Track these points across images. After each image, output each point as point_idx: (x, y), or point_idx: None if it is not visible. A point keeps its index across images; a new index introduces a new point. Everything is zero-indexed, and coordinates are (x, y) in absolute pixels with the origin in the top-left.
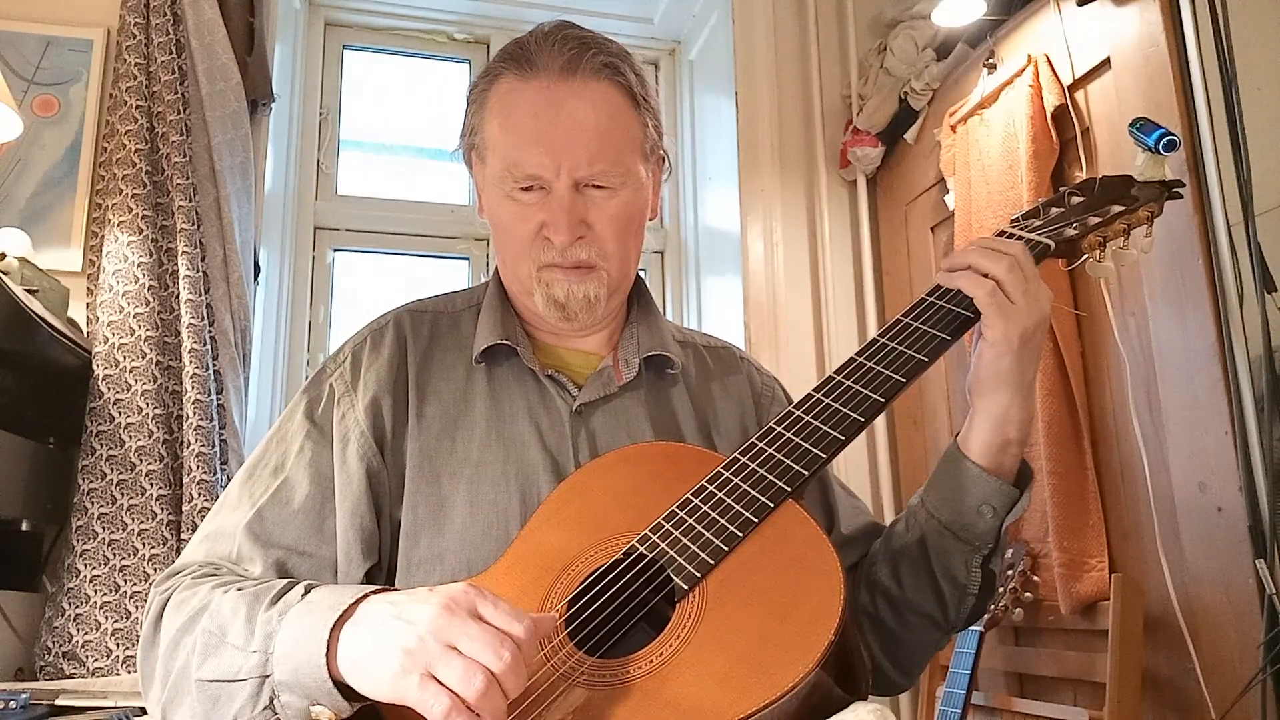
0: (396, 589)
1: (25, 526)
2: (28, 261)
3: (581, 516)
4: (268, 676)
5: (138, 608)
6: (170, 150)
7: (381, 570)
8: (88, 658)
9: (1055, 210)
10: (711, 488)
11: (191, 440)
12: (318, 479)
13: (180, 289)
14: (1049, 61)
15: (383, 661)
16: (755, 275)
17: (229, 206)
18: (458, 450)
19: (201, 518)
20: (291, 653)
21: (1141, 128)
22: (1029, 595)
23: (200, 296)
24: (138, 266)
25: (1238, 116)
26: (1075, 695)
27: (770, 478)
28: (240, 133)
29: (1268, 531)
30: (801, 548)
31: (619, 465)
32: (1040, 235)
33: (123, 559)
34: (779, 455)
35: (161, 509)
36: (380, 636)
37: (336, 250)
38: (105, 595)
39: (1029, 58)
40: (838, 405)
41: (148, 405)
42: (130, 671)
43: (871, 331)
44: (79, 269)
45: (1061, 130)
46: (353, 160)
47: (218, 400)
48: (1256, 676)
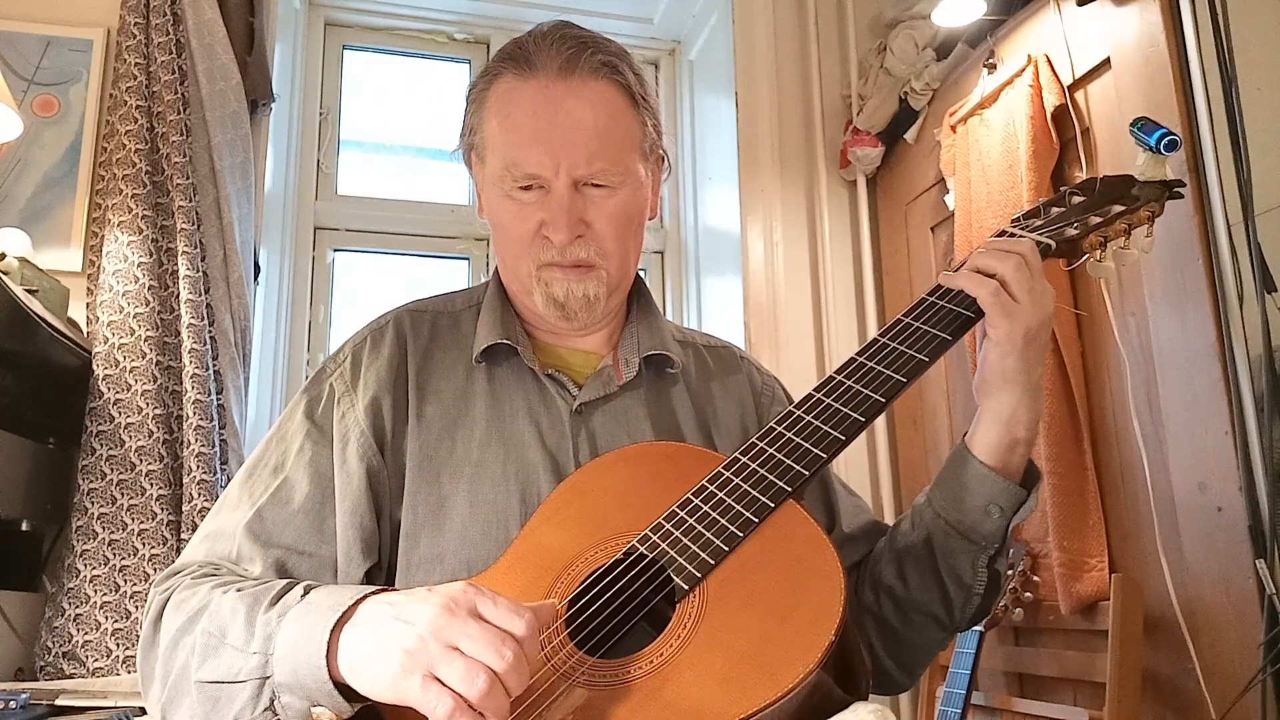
0: (395, 589)
1: (25, 526)
2: (28, 261)
3: (581, 516)
4: (268, 678)
5: (138, 608)
6: (170, 150)
7: (381, 570)
8: (88, 658)
9: (1056, 210)
10: (712, 488)
11: (191, 440)
12: (318, 479)
13: (180, 289)
14: (1049, 61)
15: (383, 662)
16: (755, 275)
17: (229, 206)
18: (458, 450)
19: (201, 518)
20: (291, 654)
21: (1142, 127)
22: (1029, 595)
23: (200, 296)
24: (138, 266)
25: (1238, 116)
26: (1075, 695)
27: (771, 478)
28: (240, 133)
29: (1268, 531)
30: (802, 548)
31: (619, 465)
32: (1041, 235)
33: (123, 559)
34: (779, 455)
35: (161, 509)
36: (380, 637)
37: (336, 250)
38: (105, 595)
39: (1029, 58)
40: (838, 405)
41: (148, 405)
42: (130, 671)
43: (871, 331)
44: (79, 269)
45: (1061, 130)
46: (353, 160)
47: (218, 400)
48: (1256, 676)
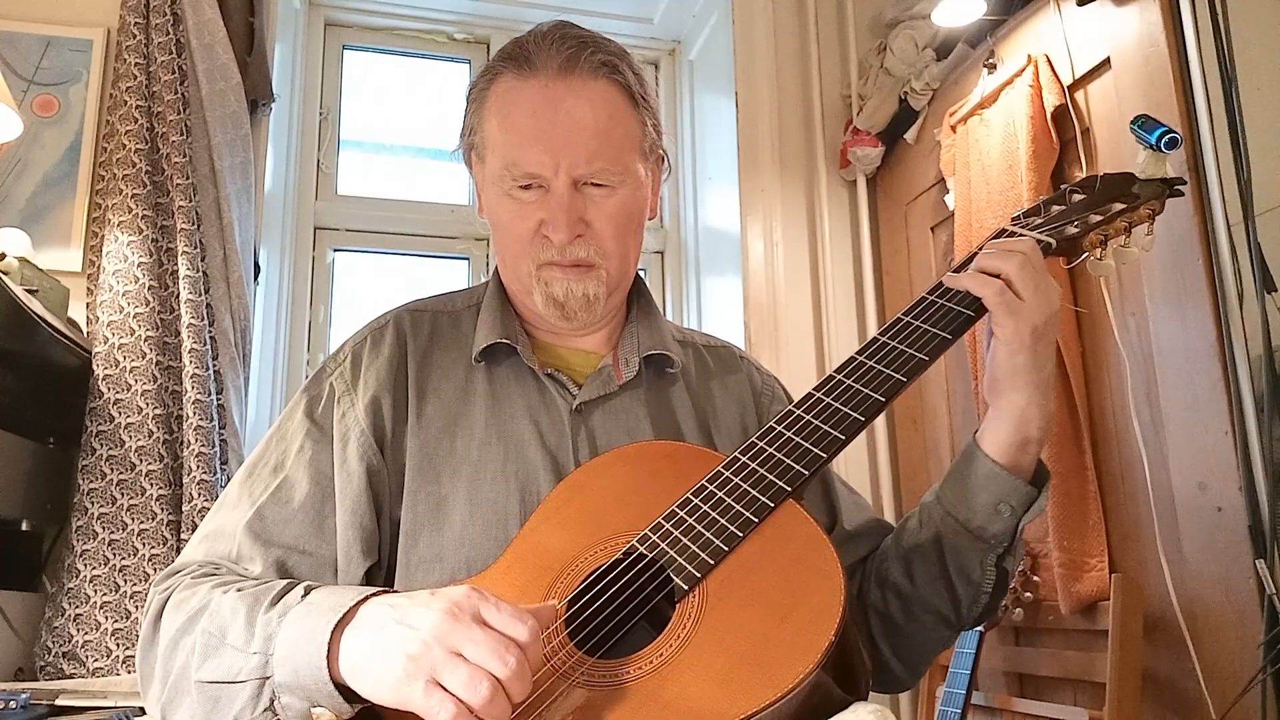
0: (397, 591)
1: (25, 526)
2: (28, 261)
3: (581, 516)
4: (268, 678)
5: (138, 608)
6: (170, 150)
7: (381, 569)
8: (88, 658)
9: (1056, 208)
10: (711, 487)
11: (191, 440)
12: (318, 478)
13: (180, 289)
14: (1049, 61)
15: (385, 666)
16: (755, 275)
17: (229, 206)
18: (457, 449)
19: (201, 518)
20: (291, 654)
21: (1143, 125)
22: (1029, 595)
23: (200, 296)
24: (138, 266)
25: (1238, 116)
26: (1075, 695)
27: (770, 477)
28: (240, 133)
29: (1268, 531)
30: (802, 548)
31: (619, 464)
32: (1041, 233)
33: (123, 559)
34: (779, 454)
35: (161, 509)
36: (382, 640)
37: (336, 250)
38: (105, 595)
39: (1029, 58)
40: (838, 404)
41: (148, 405)
42: (130, 671)
43: (871, 331)
44: (79, 269)
45: (1061, 130)
46: (353, 160)
47: (218, 400)
48: (1256, 676)
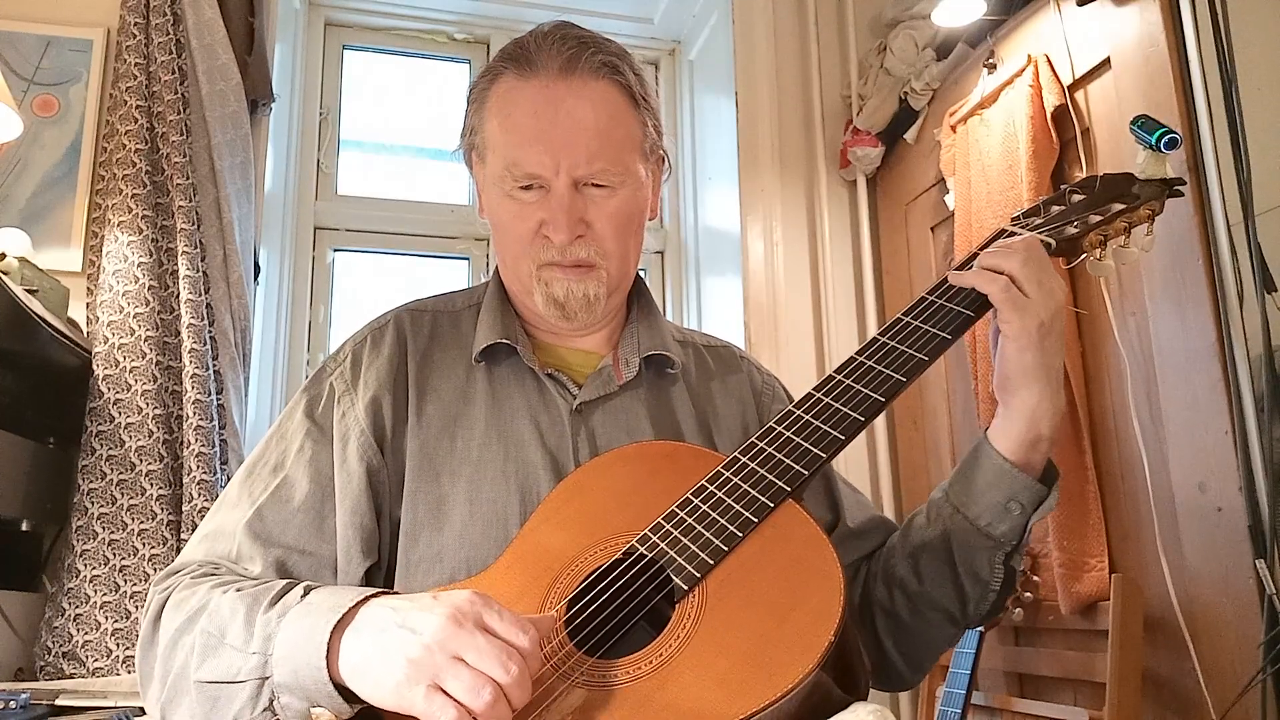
0: (397, 592)
1: (25, 526)
2: (28, 261)
3: (581, 516)
4: (267, 678)
5: (138, 608)
6: (170, 150)
7: (381, 569)
8: (88, 658)
9: (1056, 208)
10: (711, 487)
11: (191, 440)
12: (317, 477)
13: (180, 289)
14: (1049, 61)
15: (386, 669)
16: (755, 275)
17: (229, 206)
18: (457, 449)
19: (201, 518)
20: (291, 655)
21: (1143, 125)
22: (1029, 595)
23: (200, 296)
24: (138, 266)
25: (1238, 116)
26: (1075, 695)
27: (770, 477)
28: (240, 133)
29: (1268, 531)
30: (801, 548)
31: (618, 464)
32: (1041, 233)
33: (123, 559)
34: (779, 455)
35: (161, 509)
36: (383, 643)
37: (336, 250)
38: (105, 595)
39: (1029, 58)
40: (838, 404)
41: (148, 405)
42: (130, 671)
43: (871, 331)
44: (79, 269)
45: (1061, 130)
46: (353, 160)
47: (218, 400)
48: (1256, 676)
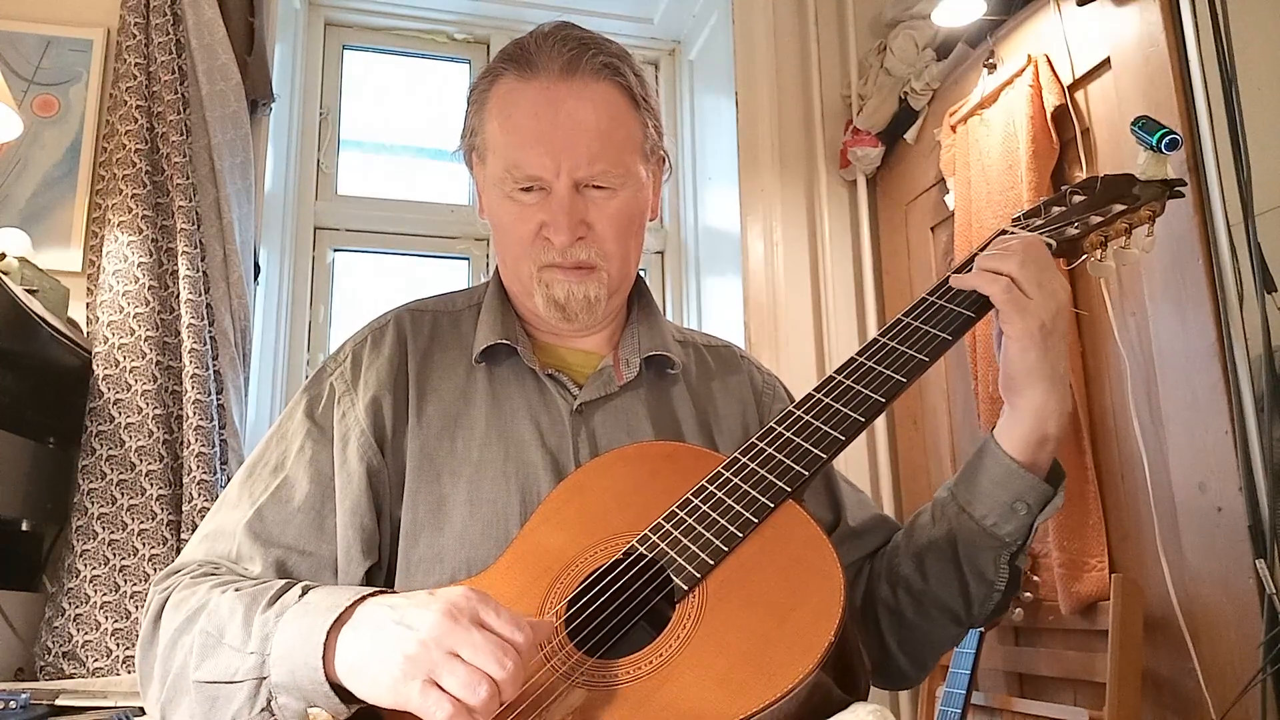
0: (395, 591)
1: (25, 526)
2: (28, 261)
3: (581, 516)
4: (265, 678)
5: (138, 608)
6: (170, 150)
7: (381, 569)
8: (88, 658)
9: (1057, 209)
10: (711, 488)
11: (191, 440)
12: (318, 478)
13: (180, 289)
14: (1049, 61)
15: (383, 666)
16: (755, 275)
17: (229, 206)
18: (458, 449)
19: (201, 518)
20: (288, 655)
21: (1144, 126)
22: (1029, 595)
23: (200, 296)
24: (138, 266)
25: (1238, 116)
26: (1075, 695)
27: (770, 478)
28: (240, 133)
29: (1268, 531)
30: (801, 548)
31: (619, 464)
32: (1042, 234)
33: (123, 559)
34: (779, 455)
35: (161, 509)
36: (380, 640)
37: (336, 250)
38: (105, 595)
39: (1029, 58)
40: (838, 405)
41: (148, 405)
42: (130, 671)
43: (871, 331)
44: (79, 269)
45: (1061, 130)
46: (353, 160)
47: (218, 400)
48: (1256, 676)
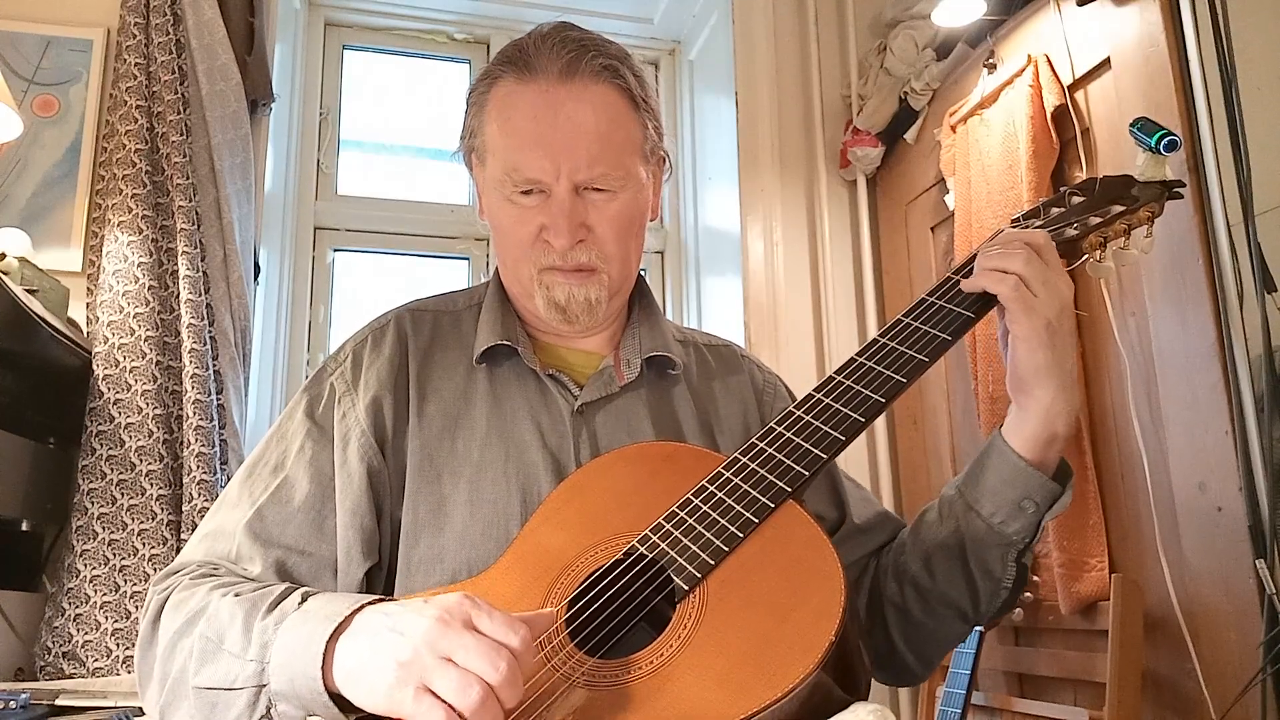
0: (393, 599)
1: (25, 526)
2: (28, 261)
3: (581, 516)
4: (264, 686)
5: (138, 608)
6: (170, 150)
7: (382, 570)
8: (88, 658)
9: (1056, 210)
10: (712, 488)
11: (191, 440)
12: (318, 478)
13: (180, 289)
14: (1049, 61)
15: (378, 673)
16: (755, 275)
17: (229, 206)
18: (458, 449)
19: (201, 518)
20: (288, 663)
21: (1142, 127)
22: (1029, 595)
23: (200, 296)
24: (138, 266)
25: (1238, 116)
26: (1075, 695)
27: (771, 478)
28: (240, 133)
29: (1268, 531)
30: (802, 549)
31: (619, 464)
32: None
33: (123, 559)
34: (779, 455)
35: (161, 509)
36: (375, 648)
37: (336, 250)
38: (105, 595)
39: (1029, 58)
40: (838, 405)
41: (148, 405)
42: (129, 671)
43: (871, 331)
44: (79, 269)
45: (1061, 130)
46: (353, 160)
47: (218, 400)
48: (1256, 676)
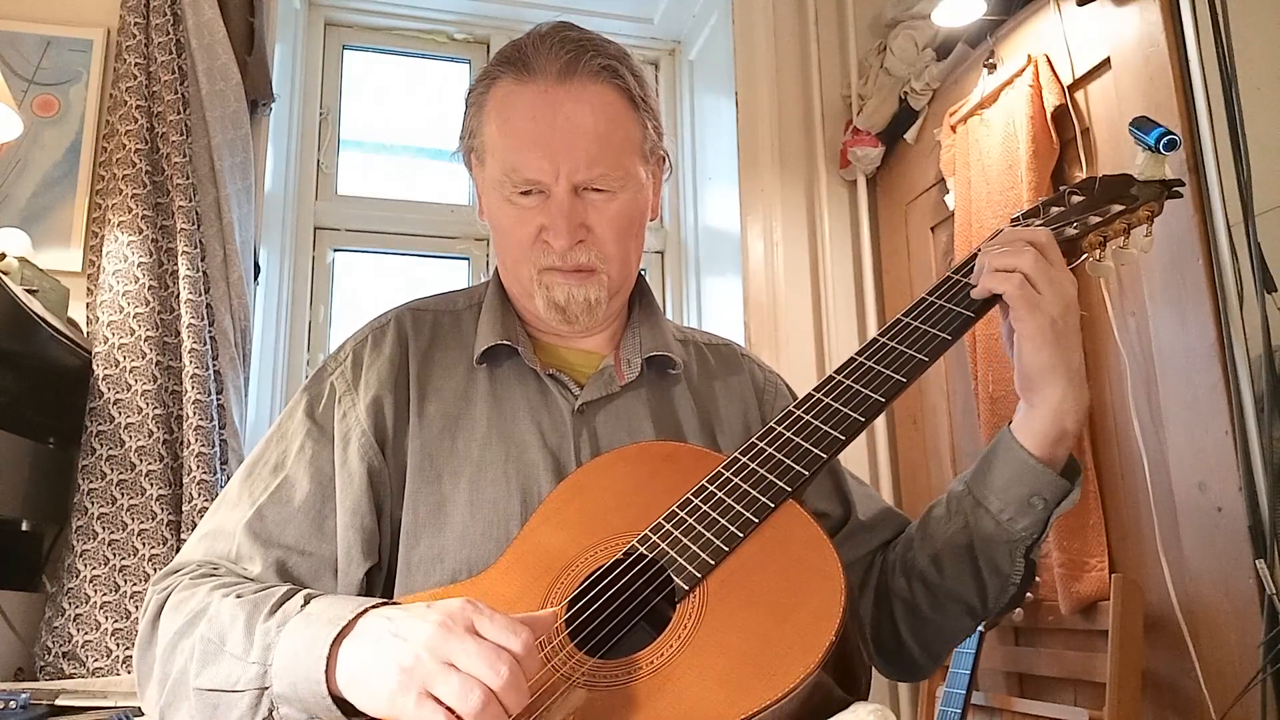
0: (395, 602)
1: (25, 526)
2: (28, 261)
3: (581, 516)
4: (266, 688)
5: (138, 608)
6: (170, 150)
7: (381, 570)
8: (88, 658)
9: (1055, 209)
10: (712, 488)
11: (191, 440)
12: (318, 478)
13: (180, 289)
14: (1049, 61)
15: (380, 678)
16: (755, 275)
17: (229, 206)
18: (458, 449)
19: (201, 518)
20: (291, 666)
21: (1141, 126)
22: (1029, 595)
23: (200, 296)
24: (138, 266)
25: (1238, 116)
26: (1075, 695)
27: (771, 478)
28: (240, 133)
29: (1268, 531)
30: (802, 548)
31: (619, 464)
32: None
33: (123, 559)
34: (779, 455)
35: (161, 509)
36: (378, 653)
37: (336, 250)
38: (105, 595)
39: (1029, 58)
40: (838, 405)
41: (148, 405)
42: (130, 671)
43: (871, 331)
44: (79, 269)
45: (1061, 130)
46: (353, 160)
47: (218, 400)
48: (1256, 676)
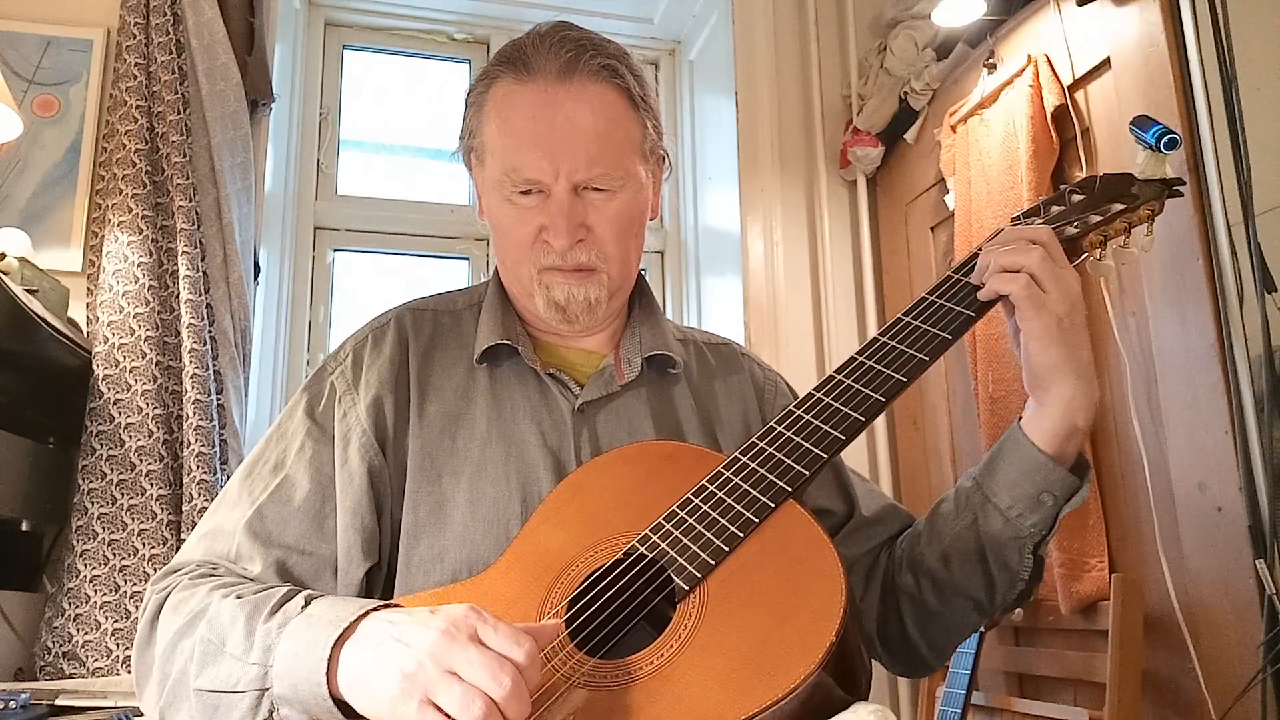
0: (397, 604)
1: (25, 526)
2: (28, 261)
3: (581, 516)
4: (266, 690)
5: (137, 608)
6: (170, 150)
7: (382, 570)
8: (88, 658)
9: (1056, 208)
10: (712, 487)
11: (191, 440)
12: (318, 477)
13: (180, 289)
14: (1049, 61)
15: (382, 683)
16: (755, 275)
17: (229, 206)
18: (459, 449)
19: (201, 518)
20: (291, 667)
21: (1142, 125)
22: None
23: (200, 296)
24: (138, 266)
25: (1238, 116)
26: (1075, 695)
27: (771, 477)
28: (240, 133)
29: (1268, 531)
30: (802, 548)
31: (619, 464)
32: None
33: (123, 559)
34: (780, 455)
35: (161, 509)
36: (380, 657)
37: (336, 250)
38: (105, 595)
39: (1029, 58)
40: (839, 404)
41: (148, 405)
42: (130, 672)
43: (871, 331)
44: (79, 269)
45: (1061, 130)
46: (353, 160)
47: (218, 400)
48: (1256, 676)
